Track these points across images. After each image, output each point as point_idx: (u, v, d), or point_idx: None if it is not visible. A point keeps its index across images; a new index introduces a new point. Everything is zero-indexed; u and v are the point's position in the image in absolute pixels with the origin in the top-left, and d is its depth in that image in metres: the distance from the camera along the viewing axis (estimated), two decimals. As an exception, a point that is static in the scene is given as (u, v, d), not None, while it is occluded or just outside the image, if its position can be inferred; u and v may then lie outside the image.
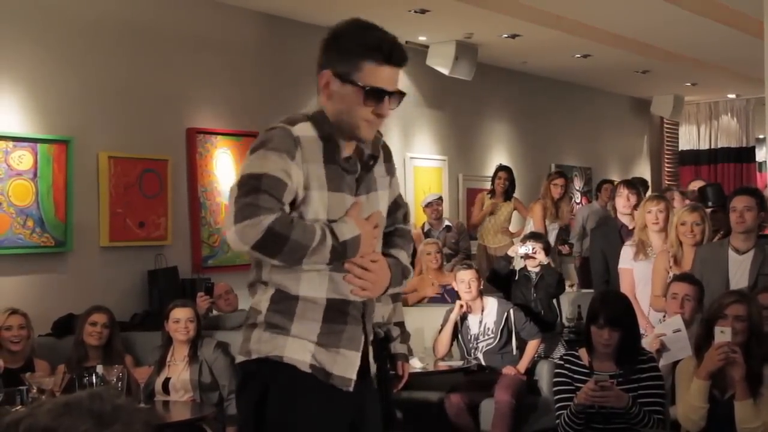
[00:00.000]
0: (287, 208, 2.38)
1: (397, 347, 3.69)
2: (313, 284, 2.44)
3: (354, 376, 2.50)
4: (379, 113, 2.43)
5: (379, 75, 2.40)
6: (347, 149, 2.48)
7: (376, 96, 2.40)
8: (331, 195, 2.42)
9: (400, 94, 2.46)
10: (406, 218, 2.75)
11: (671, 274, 5.25)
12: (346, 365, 2.48)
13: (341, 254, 2.40)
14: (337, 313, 2.47)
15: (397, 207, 2.70)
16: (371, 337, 2.60)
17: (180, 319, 5.20)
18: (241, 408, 2.58)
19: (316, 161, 2.41)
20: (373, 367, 2.62)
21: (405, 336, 3.81)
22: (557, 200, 8.69)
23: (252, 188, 2.34)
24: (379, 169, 2.59)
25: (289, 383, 2.44)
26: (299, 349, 2.44)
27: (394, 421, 3.62)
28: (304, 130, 2.42)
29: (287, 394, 2.44)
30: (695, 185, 8.39)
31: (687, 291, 4.77)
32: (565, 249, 8.62)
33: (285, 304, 2.45)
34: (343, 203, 2.45)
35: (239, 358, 2.54)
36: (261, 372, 2.47)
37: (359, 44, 2.41)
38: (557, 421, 4.18)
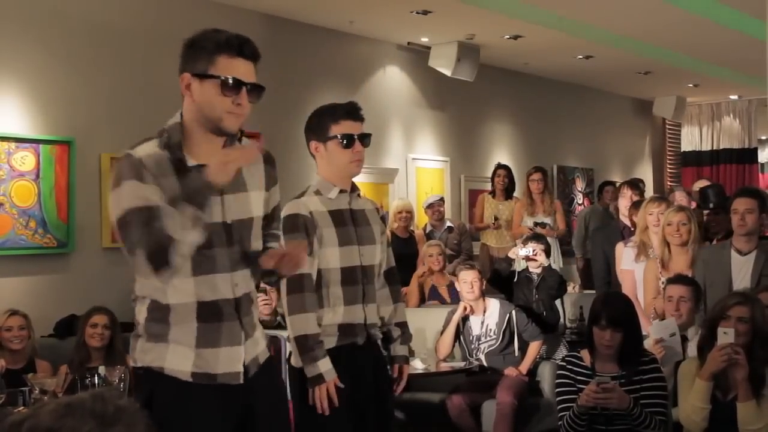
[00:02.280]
0: None
1: (397, 349, 3.65)
2: (179, 291, 2.50)
3: (240, 369, 2.56)
4: (238, 103, 2.52)
5: (233, 67, 2.51)
6: (200, 157, 2.53)
7: (233, 87, 2.51)
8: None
9: (260, 88, 2.57)
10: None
11: (662, 280, 5.27)
12: (230, 361, 2.55)
13: (195, 193, 2.41)
14: (209, 313, 2.52)
15: (273, 220, 2.77)
16: (251, 332, 2.63)
17: None
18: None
19: (166, 175, 2.49)
20: (263, 357, 2.66)
21: (406, 337, 3.78)
22: (539, 194, 8.65)
23: (124, 232, 2.42)
24: (254, 170, 2.67)
25: (171, 393, 2.51)
26: (179, 357, 2.51)
27: (393, 423, 3.59)
28: (148, 149, 2.53)
29: (168, 404, 2.50)
30: (699, 185, 8.38)
31: (682, 293, 4.77)
32: (545, 231, 8.32)
33: (160, 313, 2.52)
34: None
35: (130, 364, 2.68)
36: (146, 379, 2.56)
37: (211, 41, 2.53)
38: (560, 422, 4.18)
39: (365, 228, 3.45)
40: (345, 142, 3.31)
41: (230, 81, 2.50)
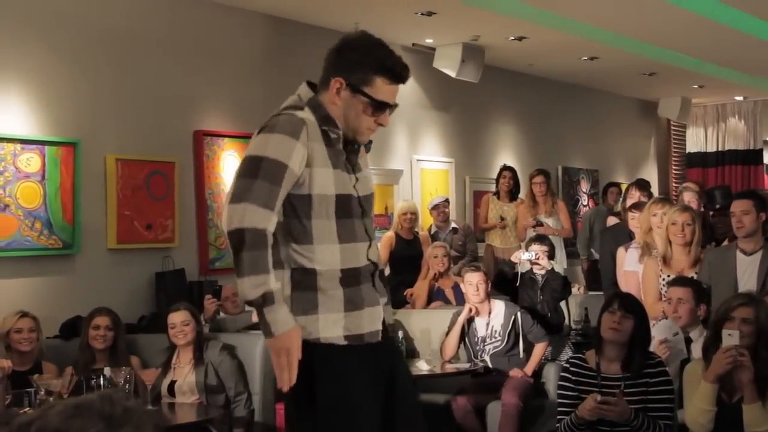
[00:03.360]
0: (282, 192, 2.58)
1: None
2: (326, 258, 2.67)
3: (380, 327, 2.78)
4: (380, 123, 2.73)
5: (386, 91, 2.70)
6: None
7: (381, 108, 2.70)
8: (335, 172, 2.68)
9: (396, 106, 2.77)
10: None
11: (663, 277, 5.27)
12: (372, 319, 2.75)
13: (258, 305, 2.55)
14: (351, 278, 2.71)
15: None
16: (383, 296, 2.84)
17: (175, 323, 5.20)
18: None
19: (318, 141, 2.65)
20: (390, 318, 2.91)
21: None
22: (542, 196, 8.69)
23: (250, 171, 2.58)
24: (362, 155, 2.87)
25: (330, 359, 2.68)
26: (331, 325, 2.67)
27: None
28: (307, 114, 2.66)
29: (332, 370, 2.67)
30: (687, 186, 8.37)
31: (679, 294, 4.77)
32: (543, 228, 8.45)
33: (306, 282, 2.66)
34: (343, 180, 2.70)
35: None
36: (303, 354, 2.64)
37: (375, 62, 2.67)
38: (557, 425, 4.18)
39: None
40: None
41: (380, 105, 2.69)
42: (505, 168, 9.22)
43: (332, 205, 2.67)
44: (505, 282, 6.80)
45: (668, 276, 5.25)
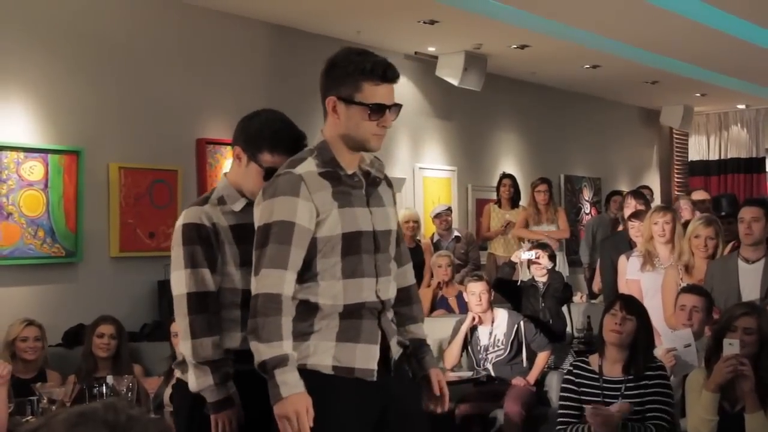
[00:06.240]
0: (294, 249, 2.63)
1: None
2: (329, 292, 2.69)
3: (374, 366, 2.73)
4: (383, 125, 2.75)
5: (377, 92, 2.73)
6: (350, 168, 2.77)
7: (378, 111, 2.73)
8: (341, 211, 2.71)
9: (398, 106, 2.79)
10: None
11: (682, 285, 5.24)
12: (367, 357, 2.72)
13: (264, 370, 2.61)
14: (353, 312, 2.71)
15: (399, 242, 2.97)
16: (392, 336, 2.83)
17: (177, 333, 5.19)
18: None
19: (322, 189, 2.70)
20: (397, 355, 2.85)
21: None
22: (544, 205, 8.69)
23: (261, 240, 2.66)
24: (385, 191, 2.91)
25: (315, 386, 2.63)
26: (321, 352, 2.68)
27: None
28: (306, 167, 2.71)
29: (314, 397, 2.62)
30: (698, 195, 8.36)
31: (695, 302, 4.76)
32: (547, 233, 8.51)
33: (307, 312, 2.69)
34: (354, 216, 2.73)
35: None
36: None
37: (357, 69, 2.72)
38: (558, 427, 4.20)
39: None
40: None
41: (376, 107, 2.72)
42: (504, 176, 9.22)
43: (339, 244, 2.70)
44: (504, 285, 6.79)
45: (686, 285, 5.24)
